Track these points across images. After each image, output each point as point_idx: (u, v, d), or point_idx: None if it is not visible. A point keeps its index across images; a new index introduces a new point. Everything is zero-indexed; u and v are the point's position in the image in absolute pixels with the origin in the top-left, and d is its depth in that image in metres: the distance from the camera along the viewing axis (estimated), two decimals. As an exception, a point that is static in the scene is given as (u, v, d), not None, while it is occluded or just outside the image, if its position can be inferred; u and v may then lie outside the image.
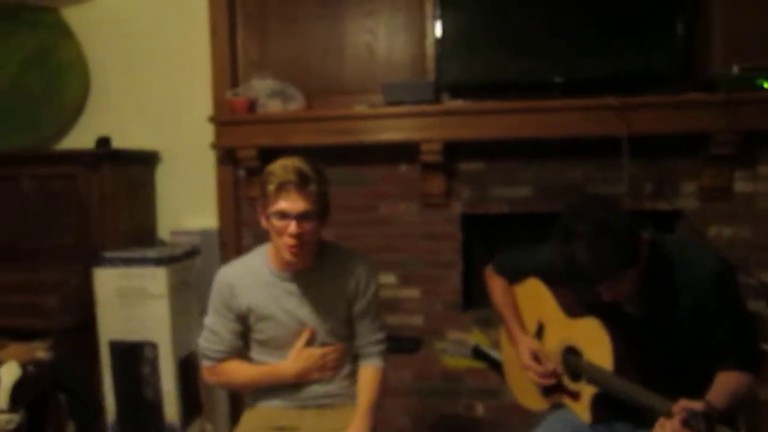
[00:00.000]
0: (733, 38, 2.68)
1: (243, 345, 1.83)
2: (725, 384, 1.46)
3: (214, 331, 1.81)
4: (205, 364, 1.85)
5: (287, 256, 1.66)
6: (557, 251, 1.48)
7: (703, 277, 1.49)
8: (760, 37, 2.66)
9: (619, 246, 1.43)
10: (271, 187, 1.62)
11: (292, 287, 1.75)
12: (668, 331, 1.54)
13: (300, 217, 1.62)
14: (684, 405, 1.30)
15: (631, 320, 1.59)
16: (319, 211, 1.67)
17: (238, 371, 1.82)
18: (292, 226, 1.61)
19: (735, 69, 2.51)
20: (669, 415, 1.33)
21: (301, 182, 1.61)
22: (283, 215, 1.62)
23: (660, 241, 1.56)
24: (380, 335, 1.86)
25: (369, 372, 1.82)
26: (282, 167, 1.63)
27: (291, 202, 1.61)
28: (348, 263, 1.80)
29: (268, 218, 1.67)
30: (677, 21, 2.58)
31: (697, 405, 1.29)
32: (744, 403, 1.51)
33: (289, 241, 1.63)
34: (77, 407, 2.66)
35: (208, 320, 1.82)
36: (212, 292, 1.81)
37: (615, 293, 1.50)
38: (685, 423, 1.27)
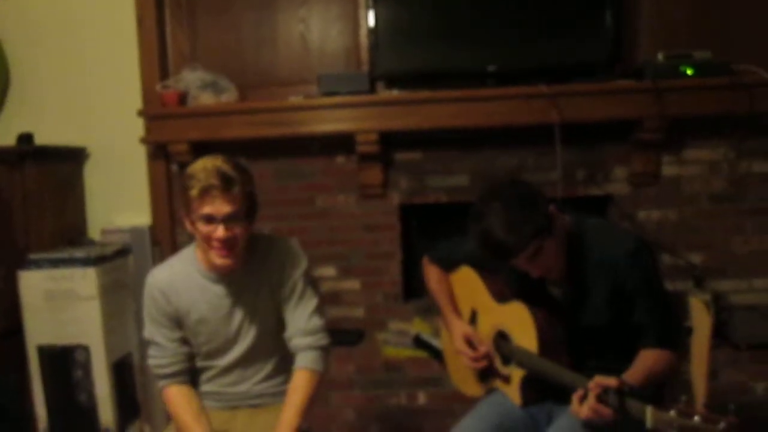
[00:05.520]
0: (659, 26, 2.76)
1: (189, 351, 1.74)
2: (643, 362, 1.50)
3: (156, 344, 1.72)
4: (160, 385, 1.74)
5: (218, 260, 1.60)
6: (474, 234, 1.52)
7: (619, 257, 1.53)
8: (685, 24, 2.75)
9: (531, 213, 1.47)
10: (193, 192, 1.54)
11: (224, 290, 1.68)
12: (589, 311, 1.58)
13: (227, 220, 1.56)
14: (598, 381, 1.35)
15: (555, 302, 1.63)
16: (247, 211, 1.61)
17: (175, 411, 1.71)
18: (220, 230, 1.55)
19: (660, 56, 2.58)
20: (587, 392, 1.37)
21: (225, 185, 1.54)
22: (209, 219, 1.56)
23: (580, 223, 1.60)
24: (316, 322, 1.70)
25: (302, 376, 1.66)
26: (203, 170, 1.55)
27: (216, 207, 1.54)
28: (270, 253, 1.71)
29: (192, 222, 1.60)
30: (605, 10, 2.63)
31: (611, 381, 1.34)
32: (668, 378, 1.56)
33: (217, 245, 1.58)
34: (4, 417, 2.54)
35: (147, 333, 1.74)
36: (144, 300, 1.72)
37: (539, 268, 1.53)
38: (599, 399, 1.34)
